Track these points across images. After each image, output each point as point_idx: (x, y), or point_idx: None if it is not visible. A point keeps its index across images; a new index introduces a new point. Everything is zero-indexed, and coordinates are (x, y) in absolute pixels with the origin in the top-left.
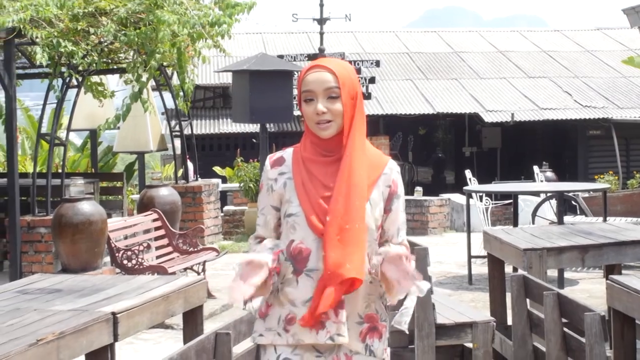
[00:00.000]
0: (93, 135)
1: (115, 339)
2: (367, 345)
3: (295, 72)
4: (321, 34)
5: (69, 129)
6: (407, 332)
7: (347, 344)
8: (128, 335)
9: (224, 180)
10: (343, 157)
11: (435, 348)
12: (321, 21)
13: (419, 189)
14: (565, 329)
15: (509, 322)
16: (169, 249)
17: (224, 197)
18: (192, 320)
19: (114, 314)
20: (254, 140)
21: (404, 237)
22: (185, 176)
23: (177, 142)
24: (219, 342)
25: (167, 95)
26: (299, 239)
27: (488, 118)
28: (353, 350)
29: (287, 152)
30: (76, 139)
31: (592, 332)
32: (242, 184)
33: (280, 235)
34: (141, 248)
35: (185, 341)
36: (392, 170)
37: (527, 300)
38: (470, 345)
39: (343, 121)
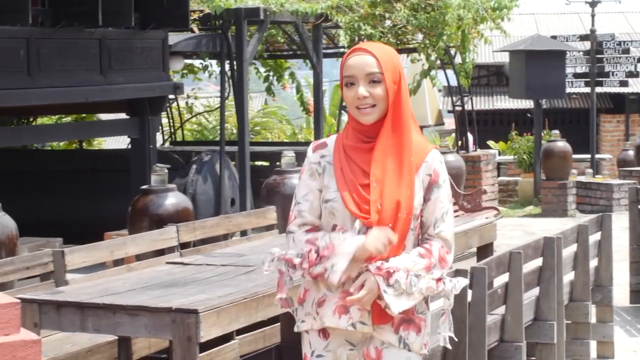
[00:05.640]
0: None
1: None
2: (402, 338)
3: (568, 52)
4: (592, 15)
5: None
6: (448, 347)
7: (378, 335)
8: None
9: (497, 153)
10: (377, 143)
11: None
12: (593, 3)
13: None
14: None
15: None
16: (455, 207)
17: (497, 170)
18: (484, 253)
19: None
20: (529, 115)
21: (444, 229)
22: (465, 146)
23: (451, 117)
24: (512, 258)
25: (447, 73)
26: (340, 224)
27: None
28: (385, 342)
29: (331, 138)
30: None
31: None
32: (516, 156)
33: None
34: None
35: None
36: (434, 159)
37: None
38: None
39: (385, 106)
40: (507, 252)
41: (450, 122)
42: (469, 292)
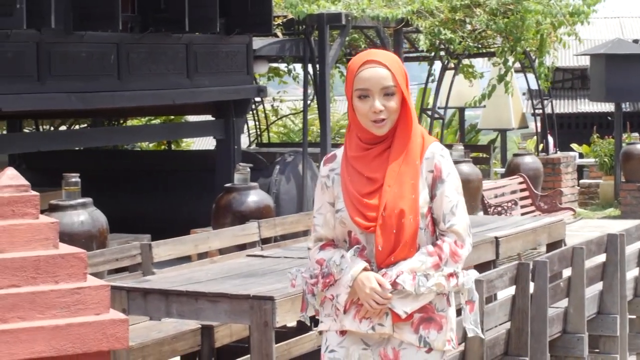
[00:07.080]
0: (461, 112)
1: (497, 257)
2: (422, 337)
3: None
4: None
5: (446, 107)
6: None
7: (398, 336)
8: (505, 256)
9: (580, 156)
10: (392, 148)
11: None
12: None
13: None
14: None
15: None
16: (532, 207)
17: (580, 172)
18: (554, 248)
19: (496, 238)
20: (609, 118)
21: (455, 222)
22: (545, 149)
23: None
24: (575, 253)
25: (529, 77)
26: (352, 231)
27: None
28: (405, 342)
29: (340, 150)
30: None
31: None
32: (597, 159)
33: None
34: (510, 205)
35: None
36: (435, 154)
37: None
38: None
39: (397, 116)
40: (569, 247)
41: (534, 125)
42: (531, 284)
